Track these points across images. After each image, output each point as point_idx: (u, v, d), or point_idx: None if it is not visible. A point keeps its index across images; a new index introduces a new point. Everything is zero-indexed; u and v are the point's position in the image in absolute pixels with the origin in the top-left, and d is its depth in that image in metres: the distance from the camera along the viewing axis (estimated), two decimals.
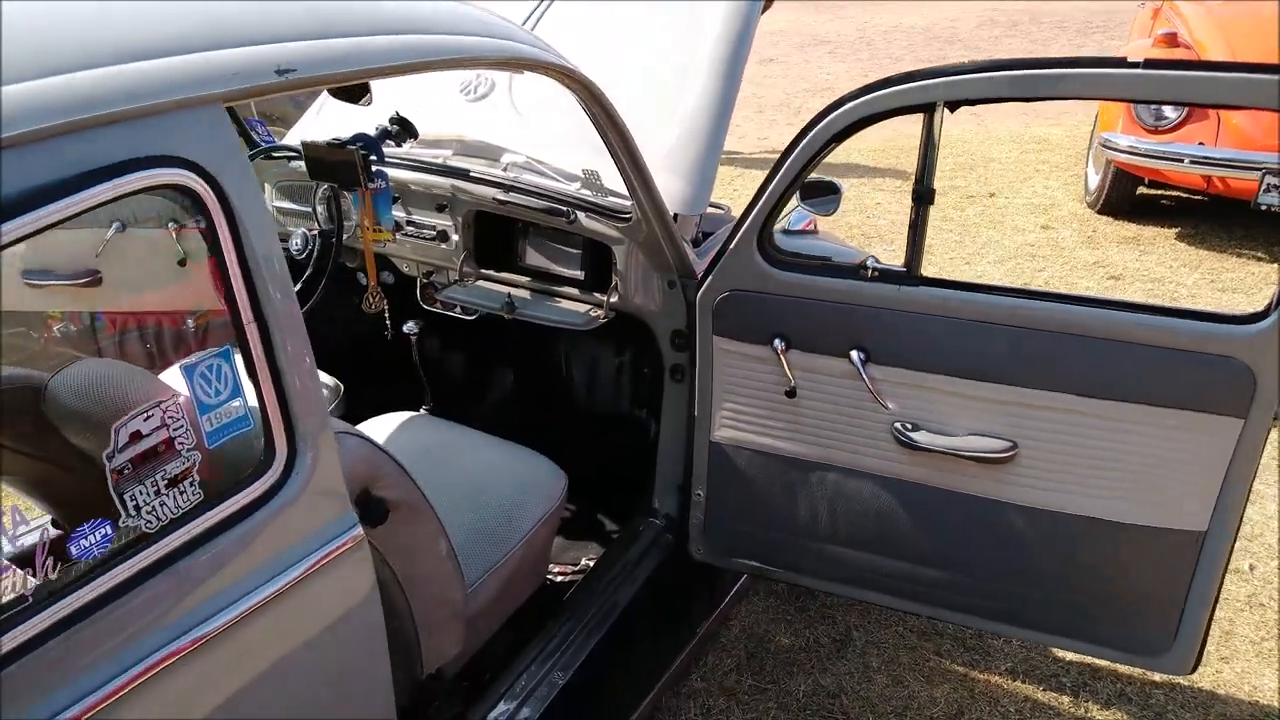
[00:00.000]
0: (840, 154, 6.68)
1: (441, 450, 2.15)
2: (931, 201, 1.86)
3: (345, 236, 2.28)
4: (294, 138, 2.72)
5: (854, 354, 1.98)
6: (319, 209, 2.34)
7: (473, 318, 2.45)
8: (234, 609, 1.14)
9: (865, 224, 5.46)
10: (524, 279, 2.38)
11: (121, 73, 1.03)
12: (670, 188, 2.21)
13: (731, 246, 2.04)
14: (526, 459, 2.17)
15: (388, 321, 2.41)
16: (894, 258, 2.02)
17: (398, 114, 2.24)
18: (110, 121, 1.02)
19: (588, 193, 2.18)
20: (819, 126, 1.88)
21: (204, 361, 1.12)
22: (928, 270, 1.94)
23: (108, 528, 1.01)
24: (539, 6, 2.57)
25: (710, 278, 2.08)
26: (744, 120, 7.96)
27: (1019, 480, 1.95)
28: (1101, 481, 1.89)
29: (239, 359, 1.16)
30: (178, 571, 1.09)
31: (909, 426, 2.00)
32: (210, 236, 1.12)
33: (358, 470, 1.47)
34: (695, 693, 2.39)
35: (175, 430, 1.08)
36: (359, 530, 1.29)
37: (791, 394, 2.07)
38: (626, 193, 2.01)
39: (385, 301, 2.29)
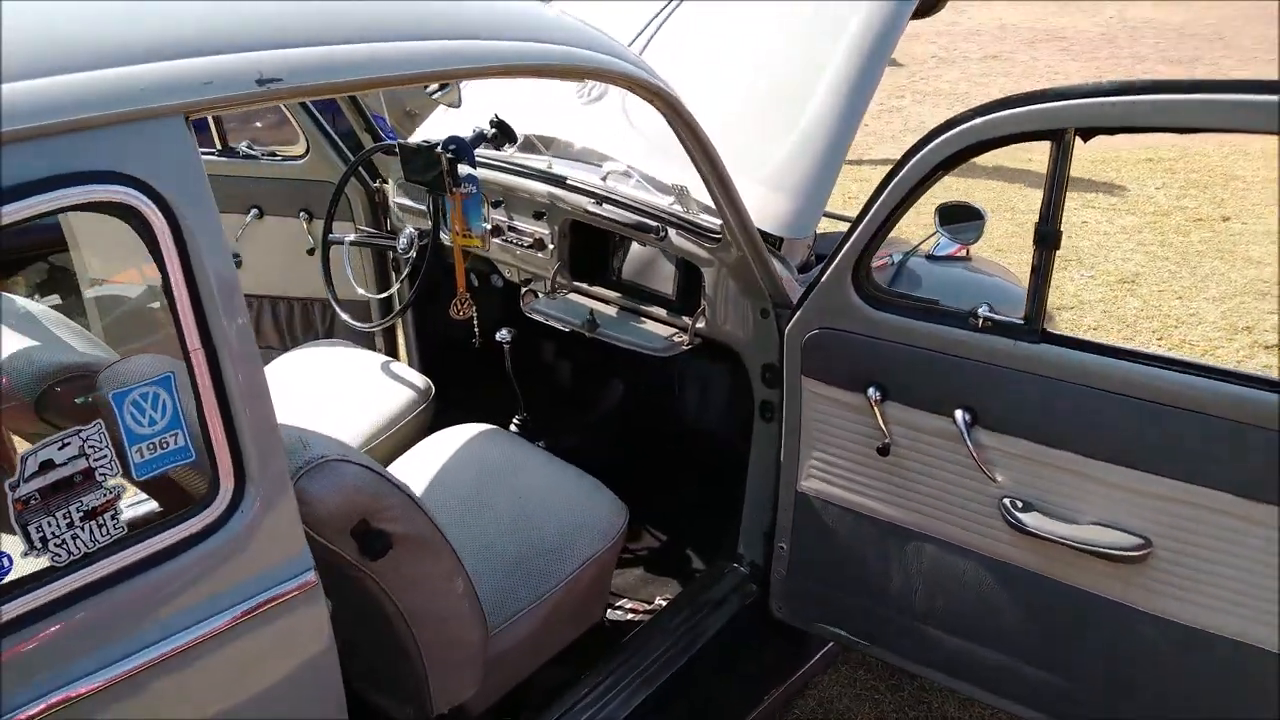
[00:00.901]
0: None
1: (501, 472, 2.05)
2: (1057, 245, 1.57)
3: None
4: (421, 135, 2.70)
5: (959, 414, 1.70)
6: (429, 209, 2.30)
7: (567, 330, 2.34)
8: (155, 649, 1.07)
9: (1065, 245, 4.91)
10: (614, 295, 2.24)
11: (56, 84, 0.97)
12: (774, 207, 2.00)
13: (824, 279, 1.81)
14: (587, 491, 2.03)
15: (475, 328, 2.33)
16: (1093, 285, 1.71)
17: (496, 117, 2.15)
18: (40, 135, 0.96)
19: (679, 208, 2.01)
20: (925, 150, 1.62)
21: (137, 389, 1.05)
22: (1114, 302, 1.64)
23: (3, 560, 0.96)
24: (667, 6, 2.41)
25: (800, 311, 1.86)
26: (936, 120, 7.42)
27: (1150, 584, 1.61)
28: (1256, 601, 1.53)
29: (182, 387, 1.09)
30: (93, 605, 1.03)
31: (1019, 505, 1.70)
32: (156, 258, 1.05)
33: (356, 501, 1.38)
34: None
35: (95, 461, 1.02)
36: (311, 576, 1.20)
37: (884, 451, 1.82)
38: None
39: (474, 308, 2.22)
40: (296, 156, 2.73)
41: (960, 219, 2.27)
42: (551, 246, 2.27)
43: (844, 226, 2.78)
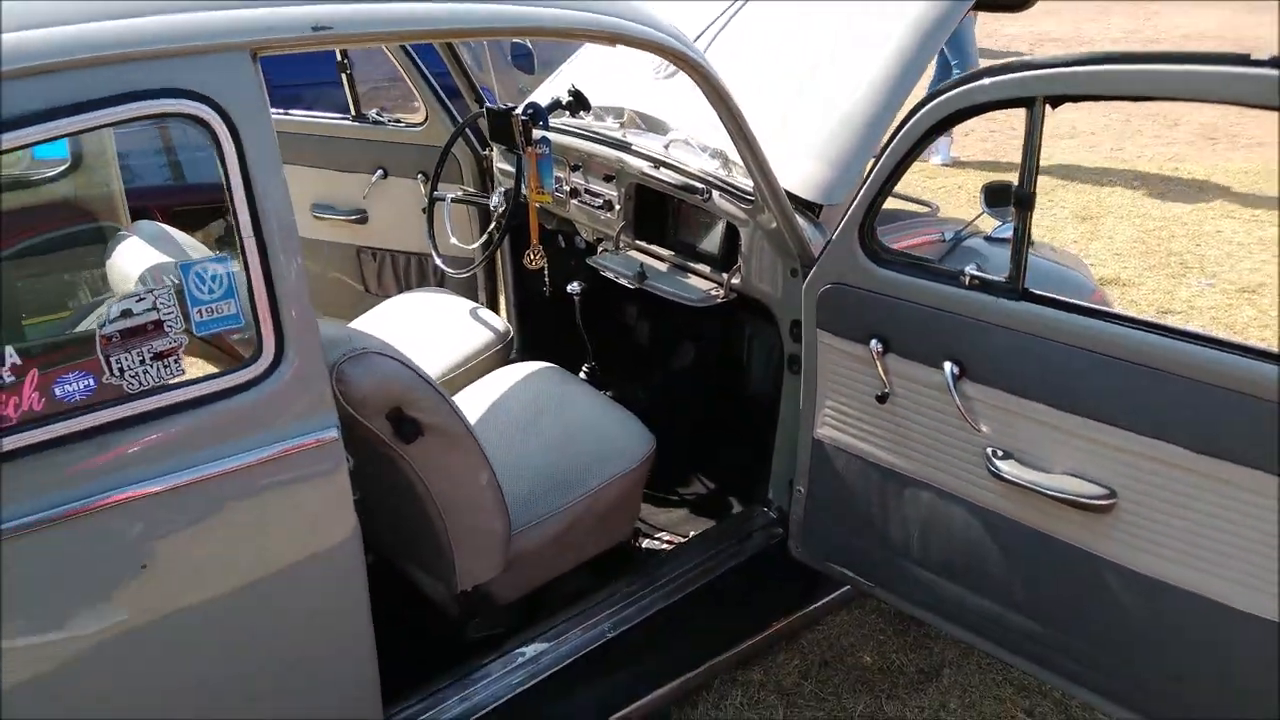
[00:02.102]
0: (1201, 171, 5.88)
1: (549, 400, 2.30)
2: (1031, 207, 1.66)
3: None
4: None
5: (948, 366, 1.83)
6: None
7: (631, 285, 2.57)
8: (199, 470, 1.37)
9: (1191, 251, 4.74)
10: (668, 253, 2.45)
11: (150, 22, 1.28)
12: (811, 174, 2.16)
13: (834, 237, 1.96)
14: (620, 421, 2.25)
15: (546, 279, 2.59)
16: (1210, 293, 1.78)
17: (573, 86, 2.40)
18: (140, 58, 1.27)
19: (723, 172, 2.20)
20: (915, 118, 1.75)
21: (201, 263, 1.36)
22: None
23: (90, 379, 1.28)
24: (733, 6, 2.59)
25: (816, 267, 2.02)
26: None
27: (1116, 535, 1.69)
28: (1210, 555, 1.59)
29: (237, 267, 1.38)
30: (155, 428, 1.34)
31: (999, 454, 1.80)
32: (221, 161, 1.35)
33: (390, 388, 1.66)
34: (750, 683, 2.34)
35: (165, 315, 1.33)
36: (333, 434, 1.47)
37: (882, 399, 1.95)
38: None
39: (545, 260, 2.48)
40: (417, 124, 3.07)
41: (1004, 201, 2.35)
42: (619, 207, 2.50)
43: (912, 207, 2.91)
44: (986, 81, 1.63)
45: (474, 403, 2.34)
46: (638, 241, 2.50)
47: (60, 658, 1.35)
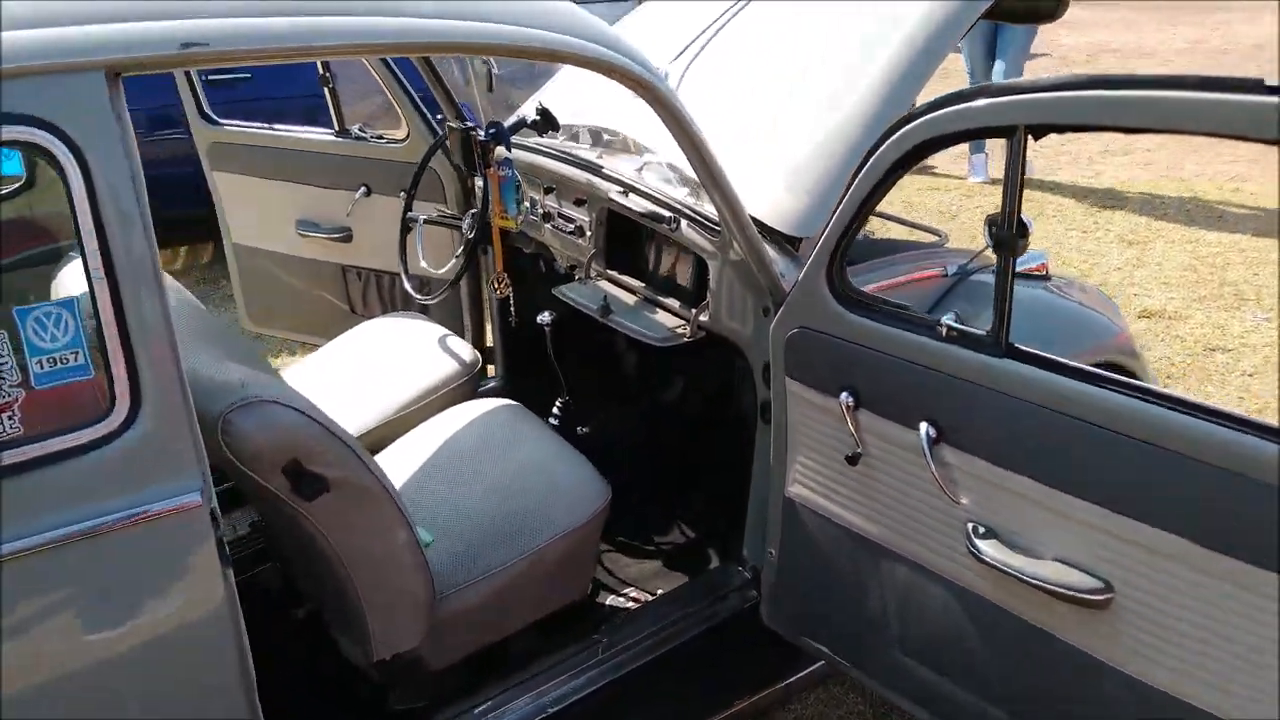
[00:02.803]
0: (1264, 193, 5.49)
1: (499, 443, 2.12)
2: (1014, 250, 1.44)
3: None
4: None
5: (924, 427, 1.61)
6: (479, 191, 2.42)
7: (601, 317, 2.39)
8: (40, 537, 1.22)
9: (1248, 281, 4.40)
10: (639, 284, 2.26)
11: None
12: (785, 203, 1.96)
13: (800, 277, 1.76)
14: (573, 469, 2.07)
15: (512, 309, 2.42)
16: (1266, 328, 1.56)
17: (541, 105, 2.23)
18: None
19: (692, 199, 2.01)
20: (879, 150, 1.54)
21: (42, 308, 1.21)
22: None
23: None
24: (734, 6, 2.40)
25: (783, 308, 1.82)
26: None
27: (1111, 635, 1.46)
28: (1217, 667, 1.35)
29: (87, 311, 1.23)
30: None
31: (980, 532, 1.58)
32: (67, 193, 1.19)
33: (285, 440, 1.50)
34: None
35: None
36: (195, 499, 1.31)
37: (853, 461, 1.74)
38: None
39: (510, 288, 2.31)
40: (400, 140, 2.93)
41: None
42: (590, 233, 2.32)
43: (925, 237, 2.68)
44: (959, 108, 1.42)
45: (419, 444, 2.18)
46: (609, 271, 2.32)
47: None
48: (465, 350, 2.56)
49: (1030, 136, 1.35)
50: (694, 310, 2.05)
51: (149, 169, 1.27)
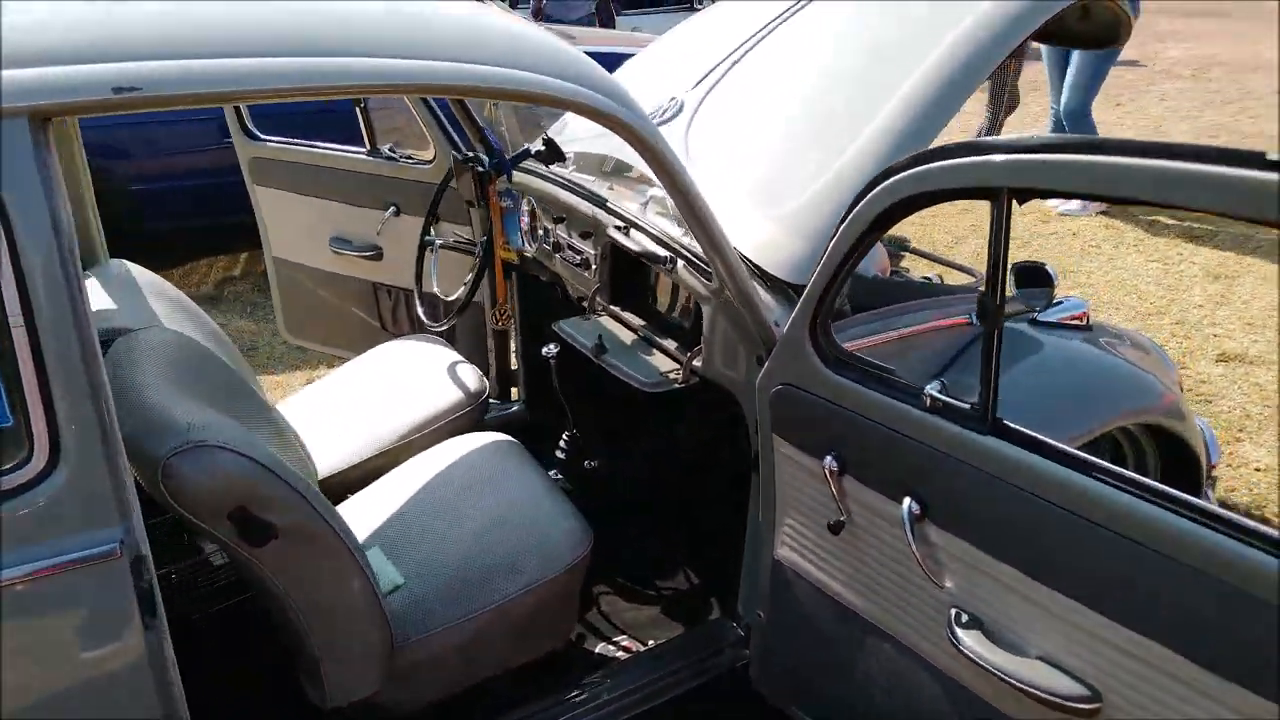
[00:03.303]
0: None
1: (484, 484, 2.05)
2: (999, 320, 1.31)
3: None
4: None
5: (907, 502, 1.48)
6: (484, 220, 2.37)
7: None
8: None
9: None
10: (640, 322, 2.17)
11: None
12: (782, 248, 1.85)
13: (785, 332, 1.64)
14: (556, 514, 1.99)
15: (513, 341, 2.36)
16: None
17: (546, 136, 2.16)
18: None
19: (688, 239, 1.91)
20: (862, 204, 1.42)
21: None
22: None
23: None
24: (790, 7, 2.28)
25: (770, 362, 1.71)
26: None
27: None
28: None
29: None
30: None
31: (963, 620, 1.45)
32: None
33: (228, 487, 1.46)
34: None
35: None
36: (113, 548, 1.27)
37: (835, 529, 1.62)
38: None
39: (511, 320, 2.25)
40: (428, 161, 2.90)
41: (1037, 282, 1.97)
42: (595, 266, 2.24)
43: (961, 278, 2.52)
44: (941, 165, 1.29)
45: (407, 480, 2.13)
46: (611, 306, 2.23)
47: None
48: (473, 379, 2.51)
49: (1015, 200, 1.22)
50: (689, 354, 1.96)
51: (220, 175, 1.22)
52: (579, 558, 1.92)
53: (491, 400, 2.94)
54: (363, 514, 2.07)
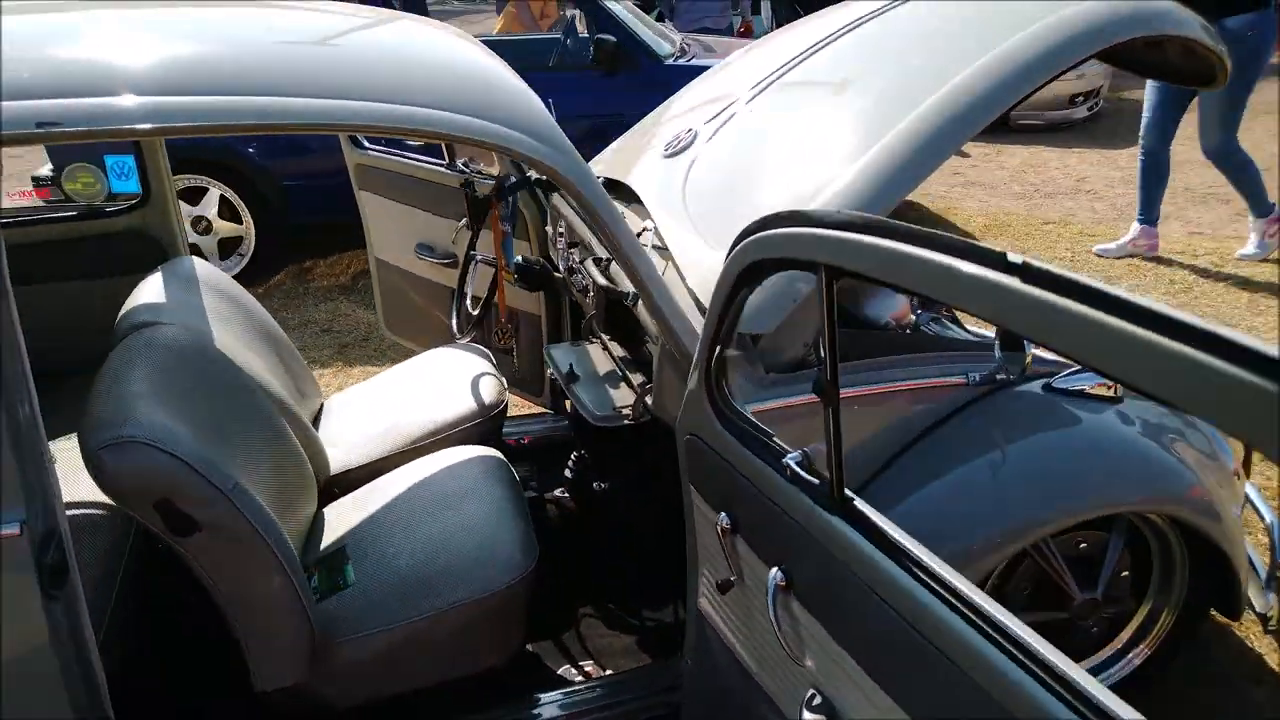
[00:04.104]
0: None
1: (452, 497, 2.12)
2: (835, 399, 1.22)
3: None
4: None
5: (774, 573, 1.43)
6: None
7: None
8: None
9: None
10: (622, 353, 2.17)
11: None
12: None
13: (691, 382, 1.61)
14: (504, 533, 2.02)
15: (515, 358, 2.41)
16: None
17: None
18: None
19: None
20: (727, 263, 1.37)
21: None
22: None
23: None
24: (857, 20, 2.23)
25: (682, 411, 1.67)
26: None
27: None
28: None
29: None
30: None
31: (814, 703, 1.38)
32: None
33: (150, 481, 1.59)
34: None
35: None
36: (13, 529, 1.42)
37: (723, 588, 1.58)
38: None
39: (513, 339, 2.31)
40: (494, 176, 3.01)
41: (1012, 348, 1.82)
42: (592, 293, 2.26)
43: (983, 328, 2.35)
44: (770, 234, 1.23)
45: (390, 485, 2.24)
46: (603, 334, 2.25)
47: None
48: (491, 392, 2.59)
49: (831, 278, 1.14)
50: (641, 391, 1.95)
51: None
52: (517, 578, 1.95)
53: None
54: (347, 512, 2.20)
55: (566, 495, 2.60)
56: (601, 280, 2.00)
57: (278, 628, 1.78)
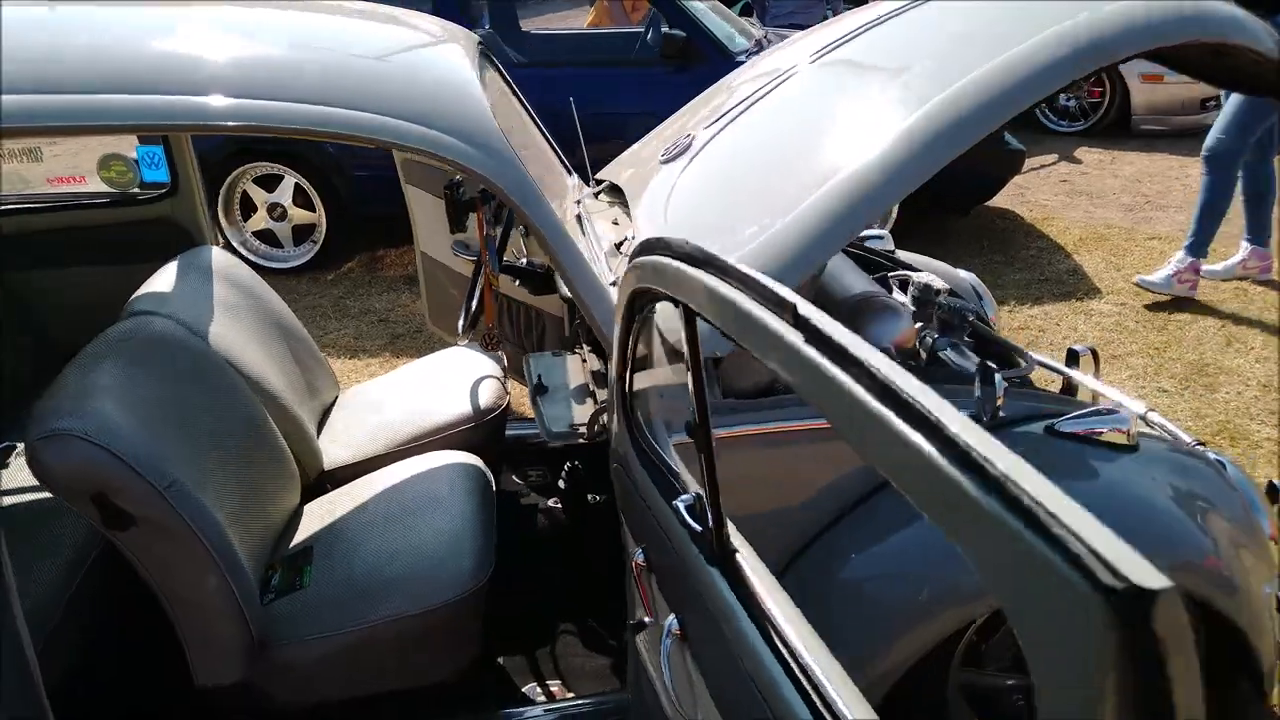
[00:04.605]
0: None
1: (426, 501, 2.09)
2: (708, 444, 1.12)
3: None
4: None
5: (670, 620, 1.33)
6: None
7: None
8: None
9: None
10: (598, 368, 2.08)
11: None
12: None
13: (613, 411, 1.52)
14: (463, 546, 1.97)
15: (505, 365, 2.36)
16: None
17: None
18: None
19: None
20: (619, 288, 1.27)
21: None
22: None
23: None
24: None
25: (613, 438, 1.59)
26: None
27: None
28: None
29: None
30: None
31: None
32: None
33: (83, 475, 1.61)
34: None
35: None
36: None
37: (636, 628, 1.49)
38: None
39: (500, 344, 2.27)
40: None
41: (987, 381, 1.66)
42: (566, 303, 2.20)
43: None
44: (639, 261, 1.12)
45: (368, 486, 2.23)
46: (584, 346, 2.17)
47: None
48: (489, 397, 2.55)
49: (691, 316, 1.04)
50: (597, 410, 1.87)
51: None
52: (466, 592, 1.91)
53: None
54: (323, 510, 2.20)
55: (559, 506, 2.54)
56: (566, 290, 1.93)
57: (214, 627, 1.78)
